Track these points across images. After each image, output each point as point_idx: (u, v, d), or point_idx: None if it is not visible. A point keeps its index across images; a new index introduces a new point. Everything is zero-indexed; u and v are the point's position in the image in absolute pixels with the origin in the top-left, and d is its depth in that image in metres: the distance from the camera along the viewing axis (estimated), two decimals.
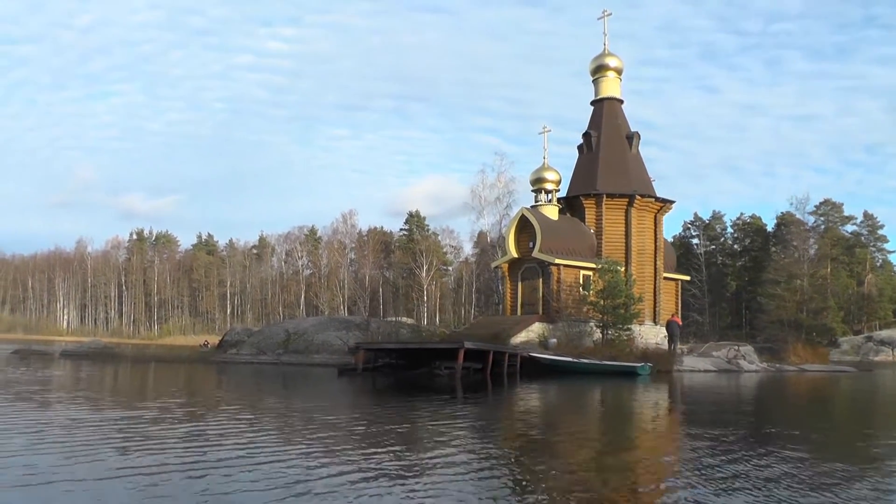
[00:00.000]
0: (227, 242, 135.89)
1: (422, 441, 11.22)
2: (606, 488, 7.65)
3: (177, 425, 11.94)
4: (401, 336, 37.01)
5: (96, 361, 35.10)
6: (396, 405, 17.89)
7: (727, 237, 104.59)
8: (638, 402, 20.78)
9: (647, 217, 45.89)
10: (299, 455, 9.05)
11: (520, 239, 44.00)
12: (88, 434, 10.20)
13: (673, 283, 48.98)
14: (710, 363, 39.21)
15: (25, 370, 26.88)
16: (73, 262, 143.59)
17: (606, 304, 38.90)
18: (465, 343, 28.02)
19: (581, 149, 47.70)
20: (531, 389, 24.69)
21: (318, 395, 20.88)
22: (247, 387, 22.68)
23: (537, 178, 45.04)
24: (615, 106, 47.79)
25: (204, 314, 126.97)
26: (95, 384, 21.99)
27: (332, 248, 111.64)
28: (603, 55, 47.70)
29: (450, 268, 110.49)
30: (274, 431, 11.69)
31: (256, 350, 37.52)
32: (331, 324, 39.79)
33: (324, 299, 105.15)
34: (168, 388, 21.35)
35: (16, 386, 19.31)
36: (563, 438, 12.09)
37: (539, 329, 39.88)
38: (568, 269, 42.30)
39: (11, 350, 42.85)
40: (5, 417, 12.09)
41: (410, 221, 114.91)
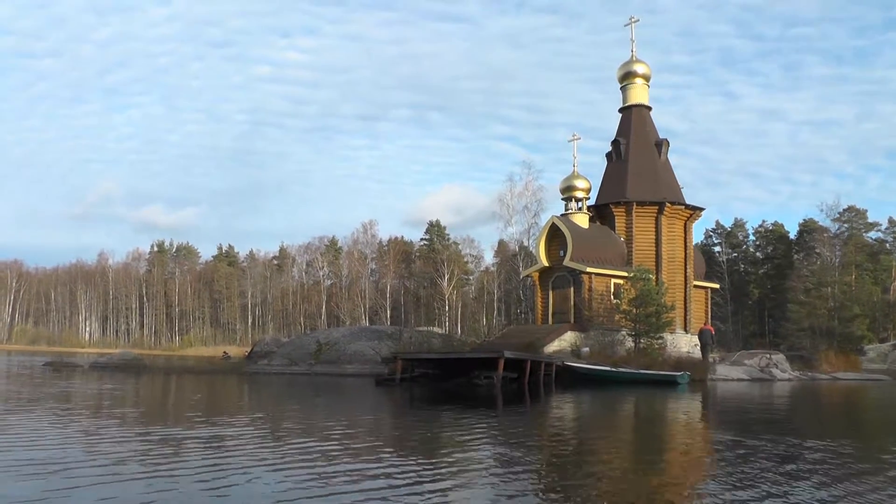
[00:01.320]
0: (248, 253, 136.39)
1: (479, 452, 10.93)
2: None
3: (278, 443, 11.60)
4: (432, 346, 36.74)
5: (130, 373, 34.92)
6: (441, 415, 17.59)
7: (749, 245, 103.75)
8: (684, 412, 20.35)
9: (676, 225, 45.53)
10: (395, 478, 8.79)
11: (550, 247, 43.75)
12: (226, 455, 9.50)
13: (702, 292, 48.61)
14: (742, 372, 38.77)
15: (68, 383, 26.73)
16: (95, 275, 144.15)
17: (639, 313, 38.54)
18: (504, 353, 27.73)
19: (610, 156, 47.42)
20: (570, 399, 24.33)
21: (365, 406, 20.58)
22: (296, 399, 22.33)
23: (567, 187, 44.79)
24: (643, 113, 47.52)
25: (225, 325, 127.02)
26: (152, 398, 21.61)
27: (353, 258, 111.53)
28: (631, 62, 47.47)
29: (471, 277, 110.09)
30: (354, 451, 11.41)
31: (288, 361, 37.30)
32: (362, 334, 39.58)
33: (345, 310, 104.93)
34: (224, 402, 20.94)
35: (76, 399, 19.13)
36: (617, 449, 11.85)
37: (571, 338, 39.54)
38: (599, 278, 42.01)
39: (43, 362, 42.79)
40: (108, 436, 11.43)
41: (431, 231, 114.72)
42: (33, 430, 11.66)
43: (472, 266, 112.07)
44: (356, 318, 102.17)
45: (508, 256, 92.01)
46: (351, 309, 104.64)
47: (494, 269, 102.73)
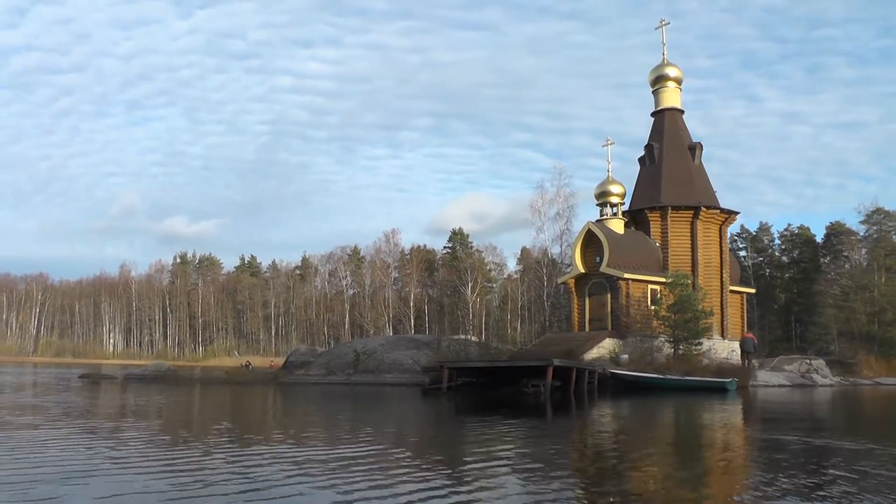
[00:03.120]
0: (271, 264, 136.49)
1: (548, 464, 10.51)
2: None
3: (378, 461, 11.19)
4: (470, 354, 36.24)
5: (169, 385, 34.68)
6: (498, 425, 17.14)
7: (774, 249, 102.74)
8: (737, 418, 19.92)
9: (712, 229, 44.95)
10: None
11: (586, 254, 43.21)
12: (337, 474, 8.91)
13: (738, 297, 47.95)
14: (783, 377, 38.22)
15: (113, 396, 26.47)
16: (118, 287, 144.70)
17: (677, 319, 37.99)
18: (554, 361, 27.30)
19: (643, 161, 46.90)
20: (619, 407, 23.90)
21: (422, 416, 20.18)
22: (355, 410, 21.87)
23: (602, 192, 44.31)
24: (676, 116, 47.01)
25: (248, 335, 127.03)
26: (213, 411, 21.12)
27: (376, 267, 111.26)
28: (662, 65, 47.01)
29: (494, 285, 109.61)
30: (438, 466, 11.00)
31: (326, 370, 36.95)
32: (399, 343, 39.20)
33: (369, 319, 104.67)
34: (295, 415, 20.46)
35: (148, 414, 18.78)
36: (676, 456, 11.52)
37: (610, 345, 38.96)
38: (636, 284, 41.47)
39: (78, 375, 42.61)
40: (229, 456, 10.69)
41: (454, 239, 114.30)
42: (148, 456, 10.99)
43: (496, 274, 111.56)
44: (380, 327, 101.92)
45: (532, 263, 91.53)
46: (374, 318, 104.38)
47: (518, 276, 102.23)
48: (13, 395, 25.90)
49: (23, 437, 12.26)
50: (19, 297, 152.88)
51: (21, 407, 19.30)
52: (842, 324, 55.19)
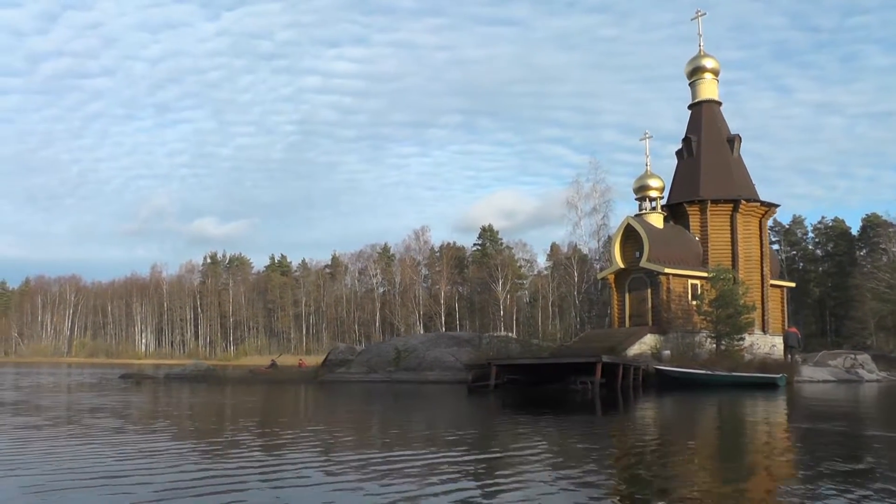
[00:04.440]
0: (301, 263, 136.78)
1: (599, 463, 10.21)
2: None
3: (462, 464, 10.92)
4: (511, 351, 35.97)
5: (212, 384, 34.70)
6: (549, 422, 16.86)
7: (808, 242, 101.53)
8: (786, 415, 19.51)
9: (752, 222, 44.33)
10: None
11: (625, 249, 42.73)
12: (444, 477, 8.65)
13: (779, 291, 47.29)
14: (828, 373, 37.61)
15: (168, 396, 26.43)
16: (150, 288, 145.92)
17: (720, 314, 37.50)
18: (602, 357, 26.97)
19: (680, 154, 46.29)
20: (668, 403, 23.54)
21: (476, 414, 19.93)
22: (408, 409, 21.66)
23: (641, 186, 43.80)
24: (714, 108, 46.38)
25: (279, 334, 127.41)
26: (281, 411, 21.04)
27: (406, 265, 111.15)
28: (699, 57, 46.37)
29: (525, 282, 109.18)
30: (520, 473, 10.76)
31: (367, 368, 36.77)
32: (440, 340, 38.91)
33: (399, 317, 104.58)
34: (353, 415, 20.23)
35: (214, 414, 18.72)
36: (734, 454, 11.10)
37: (651, 341, 38.52)
38: (677, 279, 40.98)
39: (119, 375, 42.77)
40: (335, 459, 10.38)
41: (484, 235, 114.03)
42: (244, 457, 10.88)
43: (526, 270, 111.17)
44: (410, 324, 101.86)
45: (562, 259, 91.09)
46: (405, 316, 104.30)
47: (548, 272, 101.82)
48: (71, 395, 25.95)
49: (138, 443, 12.06)
50: (53, 298, 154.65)
51: (95, 410, 19.14)
52: (882, 317, 54.33)
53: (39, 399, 23.67)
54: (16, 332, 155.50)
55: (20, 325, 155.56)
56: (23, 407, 19.78)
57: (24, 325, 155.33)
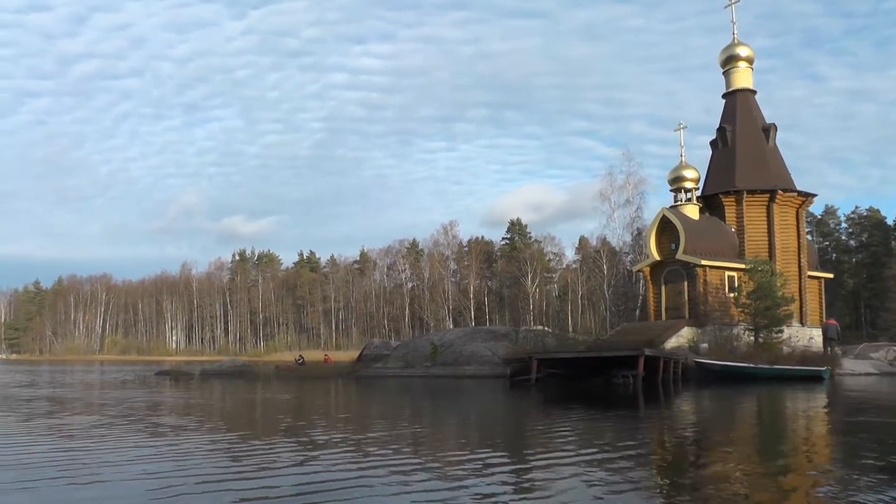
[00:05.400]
0: (329, 259, 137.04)
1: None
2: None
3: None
4: (547, 345, 35.73)
5: (249, 380, 34.82)
6: (594, 417, 16.66)
7: (841, 232, 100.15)
8: (831, 408, 19.19)
9: (789, 213, 43.65)
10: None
11: (660, 241, 42.25)
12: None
13: (816, 282, 46.60)
14: (870, 366, 37.01)
15: (214, 391, 26.61)
16: (179, 285, 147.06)
17: (758, 306, 36.99)
18: (645, 351, 26.71)
19: (715, 144, 45.66)
20: (710, 397, 23.35)
21: (518, 410, 19.76)
22: (458, 404, 21.50)
23: (676, 177, 43.24)
24: (749, 97, 45.69)
25: (309, 330, 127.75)
26: (328, 406, 21.15)
27: (434, 259, 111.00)
28: (733, 45, 45.66)
29: (554, 275, 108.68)
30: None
31: (403, 363, 36.70)
32: (476, 335, 38.73)
33: (429, 311, 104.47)
34: (409, 411, 20.14)
35: (276, 412, 18.72)
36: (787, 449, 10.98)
37: (688, 334, 38.01)
38: (713, 271, 40.41)
39: (155, 372, 43.02)
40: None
41: (512, 230, 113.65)
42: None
43: (555, 264, 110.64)
44: (440, 319, 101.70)
45: (591, 253, 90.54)
46: (434, 310, 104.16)
47: (577, 266, 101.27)
48: (117, 392, 26.00)
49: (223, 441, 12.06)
50: (85, 297, 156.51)
51: (153, 407, 19.24)
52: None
53: (90, 396, 23.81)
54: (50, 331, 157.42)
55: (54, 323, 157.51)
56: (79, 405, 19.88)
57: (58, 324, 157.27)
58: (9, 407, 18.73)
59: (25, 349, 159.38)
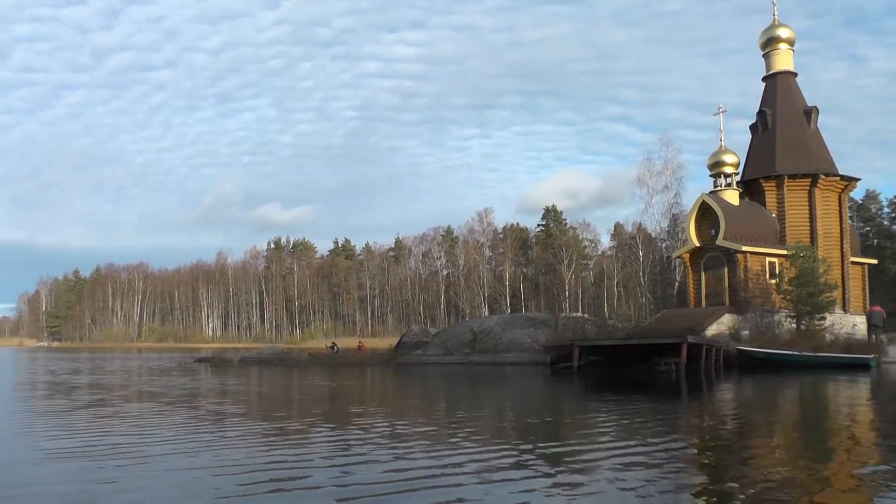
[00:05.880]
0: (364, 247, 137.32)
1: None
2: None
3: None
4: (587, 332, 35.52)
5: (288, 367, 35.04)
6: (639, 405, 16.49)
7: (883, 217, 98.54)
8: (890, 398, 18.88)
9: (831, 198, 42.98)
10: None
11: (700, 227, 41.82)
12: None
13: (859, 268, 45.95)
14: None
15: (262, 379, 26.80)
16: (215, 273, 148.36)
17: (800, 293, 36.50)
18: (688, 338, 26.47)
19: (755, 128, 45.05)
20: (754, 385, 23.06)
21: (565, 397, 19.64)
22: (493, 394, 21.40)
23: (715, 162, 42.74)
24: (789, 80, 44.96)
25: (344, 317, 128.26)
26: (389, 395, 21.16)
27: (469, 247, 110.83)
28: (773, 27, 44.93)
29: (590, 262, 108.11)
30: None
31: (443, 350, 36.72)
32: (516, 322, 38.60)
33: (464, 299, 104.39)
34: (467, 399, 20.17)
35: (336, 399, 18.77)
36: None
37: (729, 321, 37.62)
38: (754, 257, 39.95)
39: (194, 359, 43.42)
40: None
41: (547, 216, 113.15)
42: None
43: (590, 251, 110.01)
44: (475, 306, 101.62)
45: (627, 239, 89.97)
46: (470, 298, 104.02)
47: (612, 252, 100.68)
48: (165, 378, 26.29)
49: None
50: (122, 286, 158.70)
51: (206, 394, 19.45)
52: None
53: (139, 383, 24.03)
54: (89, 319, 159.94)
55: (92, 311, 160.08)
56: (132, 392, 20.14)
57: (96, 312, 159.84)
58: (65, 395, 18.99)
59: (66, 337, 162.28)
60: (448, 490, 6.90)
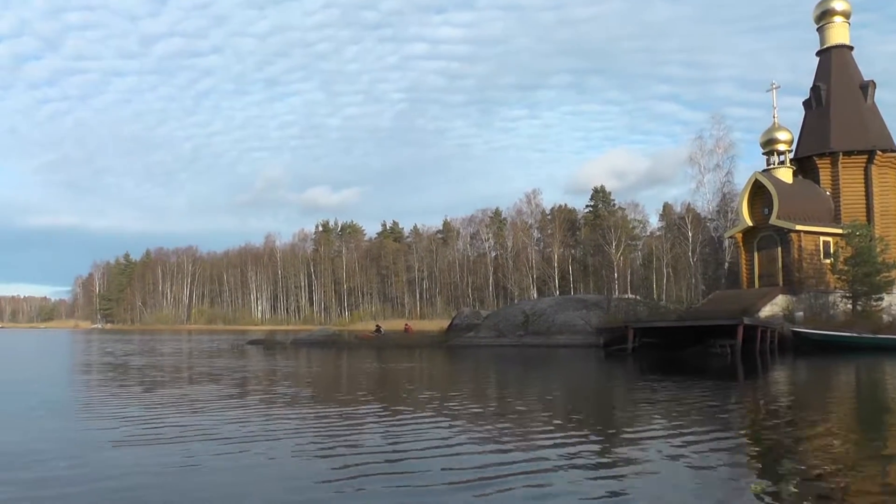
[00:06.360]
0: (412, 229, 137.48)
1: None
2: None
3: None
4: (639, 314, 35.29)
5: (340, 349, 35.34)
6: (695, 388, 16.36)
7: None
8: None
9: (889, 174, 41.99)
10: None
11: (753, 206, 41.17)
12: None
13: None
14: None
15: (310, 361, 27.08)
16: (264, 256, 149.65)
17: (856, 273, 35.84)
18: (744, 319, 26.20)
19: (808, 104, 44.11)
20: (810, 367, 22.81)
21: (627, 381, 19.57)
22: (550, 376, 21.45)
23: (768, 140, 42.03)
24: (845, 54, 43.94)
25: (393, 300, 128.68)
26: (452, 377, 21.32)
27: (517, 228, 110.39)
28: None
29: (638, 243, 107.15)
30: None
31: (495, 333, 36.75)
32: (568, 304, 38.43)
33: (513, 280, 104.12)
34: (524, 380, 20.34)
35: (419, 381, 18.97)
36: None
37: (783, 302, 37.05)
38: (808, 236, 39.27)
39: (247, 341, 43.91)
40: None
41: (596, 197, 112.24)
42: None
43: (639, 231, 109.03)
44: (524, 288, 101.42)
45: (676, 220, 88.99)
46: (518, 279, 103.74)
47: (661, 233, 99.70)
48: (223, 361, 26.57)
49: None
50: (172, 269, 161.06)
51: (268, 376, 19.68)
52: None
53: (198, 365, 24.35)
54: (139, 302, 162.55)
55: (143, 294, 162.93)
56: (194, 374, 20.29)
57: (147, 295, 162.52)
58: (130, 377, 19.36)
59: (118, 319, 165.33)
60: (541, 476, 6.98)
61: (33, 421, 10.71)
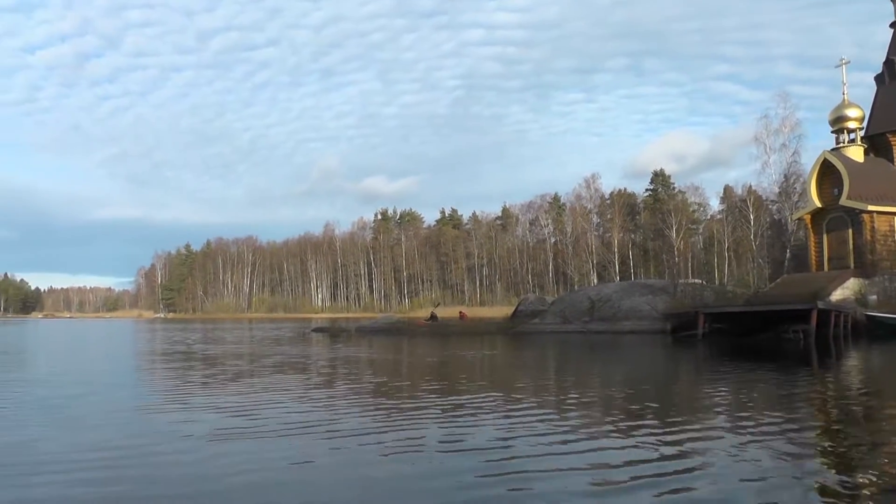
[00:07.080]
0: (471, 216, 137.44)
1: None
2: None
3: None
4: (706, 299, 34.88)
5: (405, 336, 35.53)
6: (768, 374, 16.12)
7: None
8: None
9: None
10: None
11: (822, 186, 40.25)
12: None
13: None
14: None
15: (378, 349, 27.26)
16: (323, 245, 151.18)
17: None
18: (817, 304, 25.74)
19: (880, 79, 42.70)
20: (886, 353, 22.28)
21: (700, 369, 19.40)
22: (620, 362, 21.39)
23: (837, 118, 40.96)
24: None
25: (453, 286, 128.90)
26: (535, 365, 21.29)
27: (577, 213, 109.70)
28: None
29: (699, 226, 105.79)
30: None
31: (560, 319, 36.67)
32: (634, 289, 38.13)
33: (573, 266, 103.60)
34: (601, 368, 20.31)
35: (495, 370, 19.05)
36: None
37: (854, 285, 36.20)
38: (881, 217, 38.24)
39: (311, 328, 44.45)
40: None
41: (655, 181, 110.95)
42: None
43: (699, 215, 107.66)
44: (584, 273, 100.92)
45: (737, 202, 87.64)
46: (578, 265, 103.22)
47: (722, 216, 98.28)
48: (296, 349, 26.85)
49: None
50: (232, 258, 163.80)
51: (345, 364, 19.97)
52: None
53: (273, 353, 24.67)
54: (201, 291, 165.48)
55: (204, 283, 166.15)
56: (273, 362, 20.43)
57: (208, 284, 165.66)
58: (211, 366, 19.58)
59: (180, 308, 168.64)
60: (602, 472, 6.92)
61: (128, 414, 10.64)
